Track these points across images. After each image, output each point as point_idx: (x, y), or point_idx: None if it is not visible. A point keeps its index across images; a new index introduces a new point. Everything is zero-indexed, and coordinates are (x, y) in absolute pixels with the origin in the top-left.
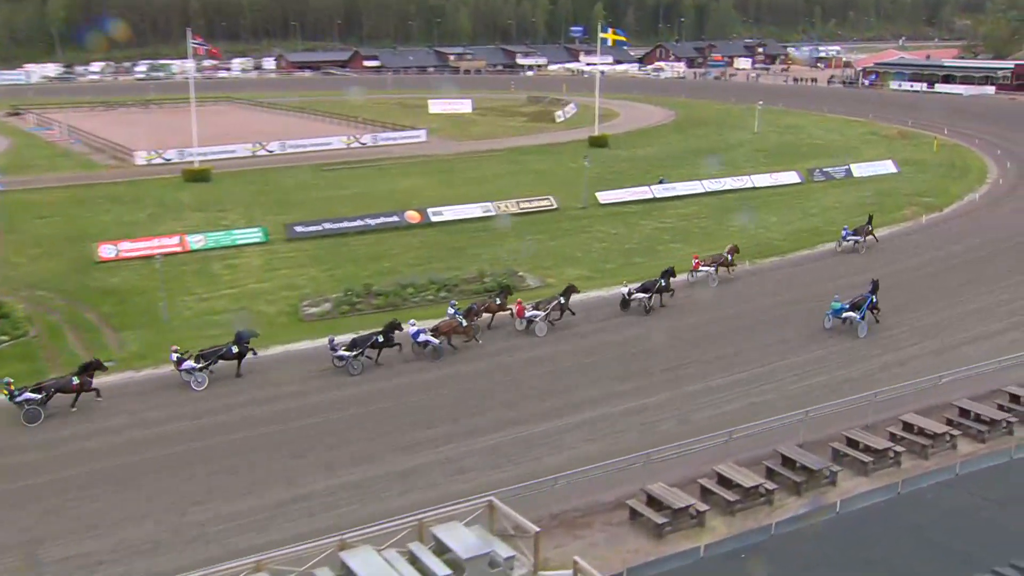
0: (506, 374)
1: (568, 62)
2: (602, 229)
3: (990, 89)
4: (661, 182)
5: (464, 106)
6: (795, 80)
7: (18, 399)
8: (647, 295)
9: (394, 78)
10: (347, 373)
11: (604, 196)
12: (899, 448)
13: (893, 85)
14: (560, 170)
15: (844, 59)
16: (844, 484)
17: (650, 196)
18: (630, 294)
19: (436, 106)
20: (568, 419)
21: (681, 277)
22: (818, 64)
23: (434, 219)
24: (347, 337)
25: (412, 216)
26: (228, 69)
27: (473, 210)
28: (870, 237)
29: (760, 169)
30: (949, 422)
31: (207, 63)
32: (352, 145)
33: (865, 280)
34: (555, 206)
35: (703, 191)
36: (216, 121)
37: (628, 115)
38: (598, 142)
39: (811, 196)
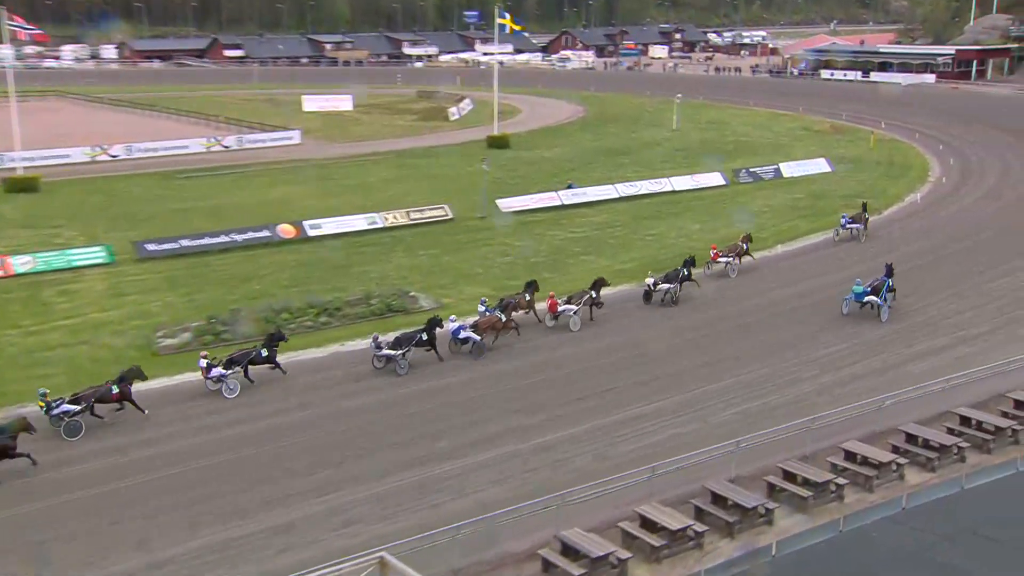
0: (403, 407)
1: (462, 51)
2: (505, 241)
3: (930, 77)
4: (570, 187)
5: (344, 103)
6: (717, 70)
7: (55, 412)
8: (671, 285)
9: (261, 70)
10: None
11: (506, 204)
12: (841, 480)
13: (824, 74)
14: (456, 175)
15: (770, 45)
16: (781, 523)
17: (558, 203)
18: (655, 285)
19: (312, 103)
20: (473, 458)
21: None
22: (742, 52)
23: (312, 233)
24: (390, 336)
25: (286, 230)
26: (57, 58)
27: (357, 222)
28: (860, 226)
29: (680, 170)
30: (895, 449)
31: (30, 50)
32: (213, 149)
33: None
34: (450, 216)
35: (617, 196)
36: (45, 120)
37: (531, 111)
38: (498, 142)
39: (737, 200)
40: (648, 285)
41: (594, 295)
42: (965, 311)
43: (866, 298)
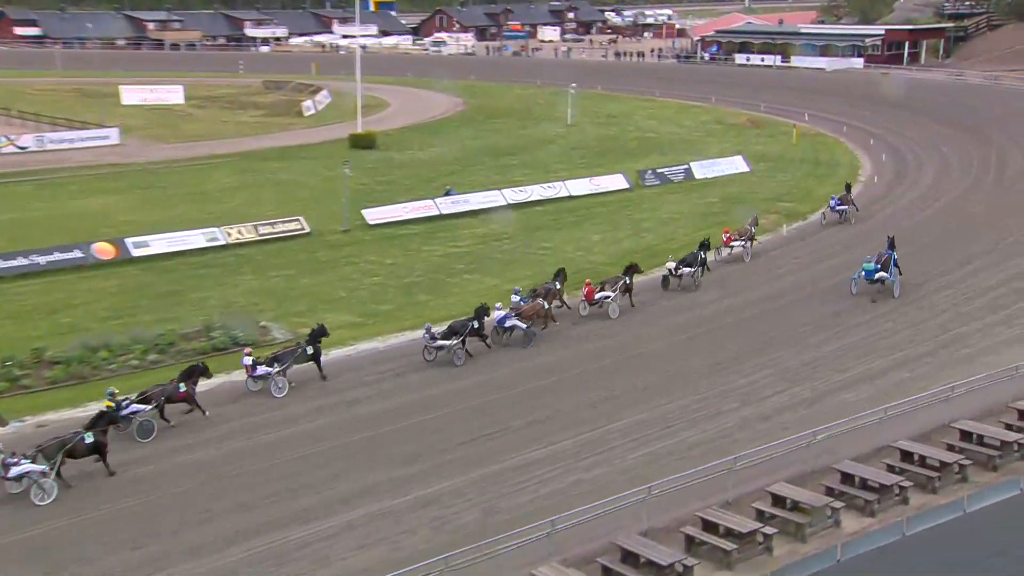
0: (252, 460)
1: (317, 34)
2: (372, 258)
3: (858, 61)
4: (448, 193)
5: (174, 94)
6: (617, 55)
7: (124, 412)
8: (693, 269)
9: (66, 54)
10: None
11: (373, 214)
12: (769, 529)
13: (739, 59)
14: (313, 181)
15: (677, 26)
16: None
17: (435, 213)
18: (677, 268)
19: (132, 94)
20: (334, 519)
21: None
22: (645, 34)
23: (136, 253)
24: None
25: (103, 250)
26: None
27: (193, 238)
28: (849, 208)
29: (577, 172)
30: (829, 491)
31: None
32: (6, 150)
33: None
34: (307, 230)
35: (504, 203)
36: None
37: (402, 105)
38: (363, 142)
39: (643, 205)
40: (669, 270)
41: (627, 280)
42: (903, 329)
43: (878, 275)
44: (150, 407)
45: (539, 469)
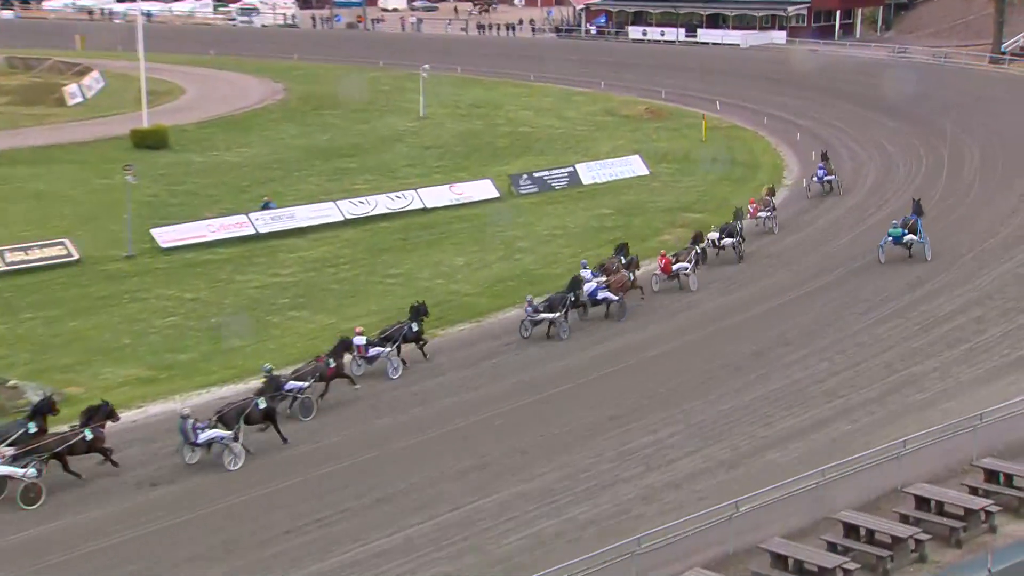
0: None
1: None
2: (167, 293)
3: (780, 35)
4: (267, 206)
5: None
6: (481, 28)
7: (284, 388)
8: (735, 240)
9: None
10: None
11: (167, 235)
12: None
13: (633, 34)
14: (81, 193)
15: None
16: None
17: (250, 232)
18: (720, 239)
19: None
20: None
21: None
22: (515, 1)
23: None
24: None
25: None
26: None
27: None
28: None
29: (433, 178)
30: None
31: None
32: None
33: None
34: (76, 257)
35: (341, 219)
36: None
37: (202, 92)
38: (150, 140)
39: (517, 219)
40: (711, 240)
41: (699, 249)
42: (842, 370)
43: (905, 238)
44: (307, 384)
45: (394, 560)
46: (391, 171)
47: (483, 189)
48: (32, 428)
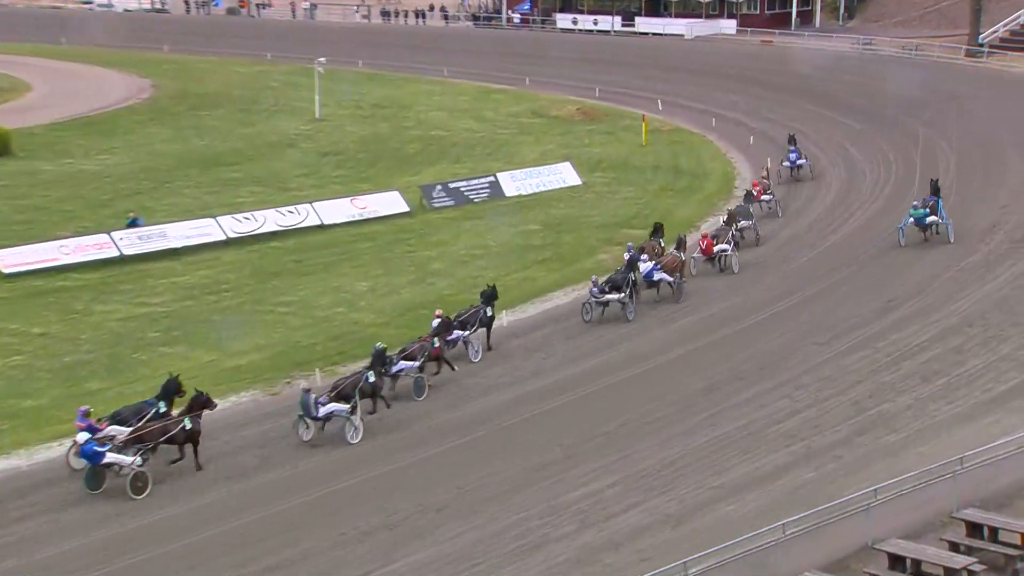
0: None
1: None
2: (9, 327)
3: (729, 25)
4: (134, 224)
5: None
6: (386, 15)
7: (392, 370)
8: (750, 223)
9: None
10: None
11: (9, 258)
12: None
13: (561, 23)
14: None
15: None
16: None
17: (114, 254)
18: (738, 223)
19: None
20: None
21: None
22: None
23: None
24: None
25: None
26: None
27: None
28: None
29: (331, 190)
30: None
31: None
32: None
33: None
34: None
35: (223, 238)
36: None
37: (53, 88)
38: None
39: (430, 237)
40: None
41: (737, 229)
42: (804, 408)
43: (928, 219)
44: (418, 363)
45: None
46: (282, 182)
47: (390, 202)
48: (163, 407)
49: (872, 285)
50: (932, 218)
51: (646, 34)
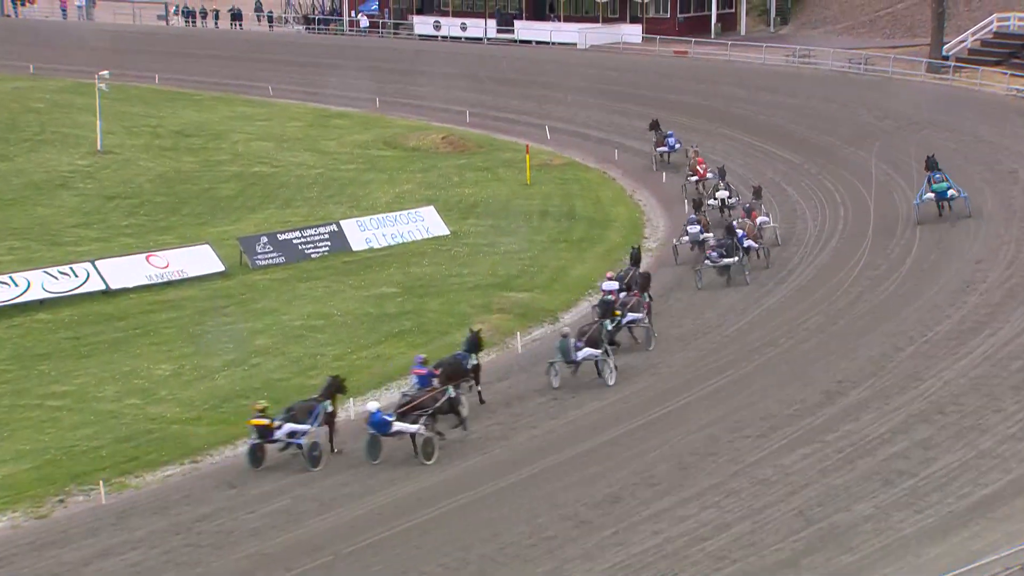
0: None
1: None
2: None
3: (633, 31)
4: None
5: None
6: (187, 17)
7: (625, 319)
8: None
9: None
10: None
11: None
12: None
13: (420, 27)
14: None
15: None
16: None
17: None
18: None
19: None
20: None
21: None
22: None
23: None
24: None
25: None
26: None
27: None
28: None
29: (120, 244)
30: None
31: None
32: None
33: None
34: None
35: None
36: None
37: None
38: None
39: (253, 304)
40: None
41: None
42: (735, 521)
43: (950, 192)
44: (642, 315)
45: None
46: (52, 234)
47: (200, 260)
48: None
49: (817, 362)
50: (952, 191)
51: (528, 42)
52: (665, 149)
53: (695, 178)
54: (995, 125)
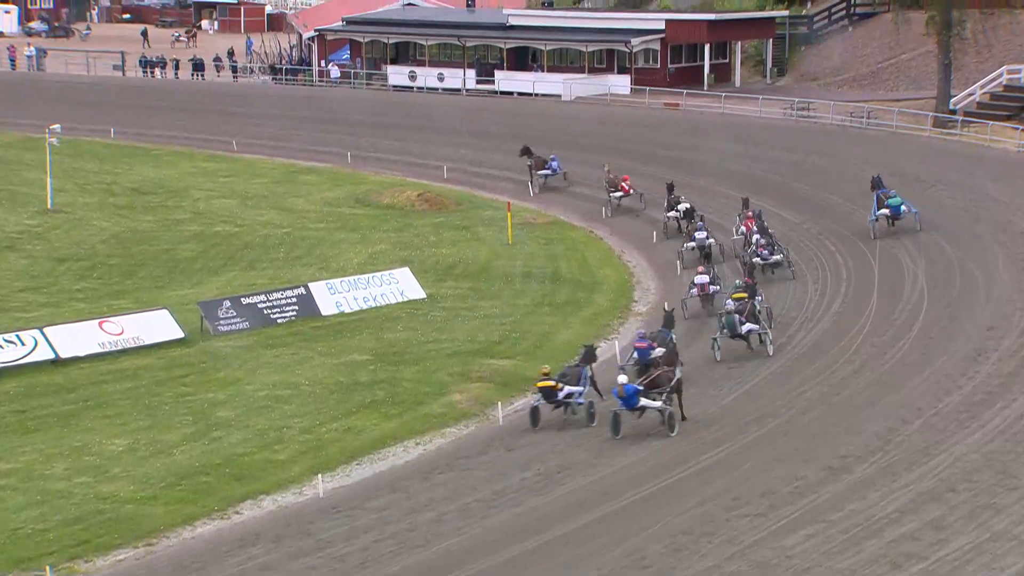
0: None
1: None
2: None
3: (621, 81)
4: None
5: None
6: (148, 67)
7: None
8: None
9: None
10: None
11: None
12: None
13: (394, 78)
14: None
15: (268, 7)
16: None
17: None
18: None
19: None
20: None
21: None
22: (203, 23)
23: None
24: None
25: None
26: None
27: None
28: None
29: (71, 309)
30: None
31: None
32: None
33: None
34: None
35: None
36: None
37: None
38: None
39: (214, 374)
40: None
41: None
42: None
43: (902, 207)
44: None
45: None
46: None
47: (157, 326)
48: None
49: (819, 435)
50: (904, 207)
51: (510, 94)
52: (548, 172)
53: (619, 194)
54: (1006, 183)
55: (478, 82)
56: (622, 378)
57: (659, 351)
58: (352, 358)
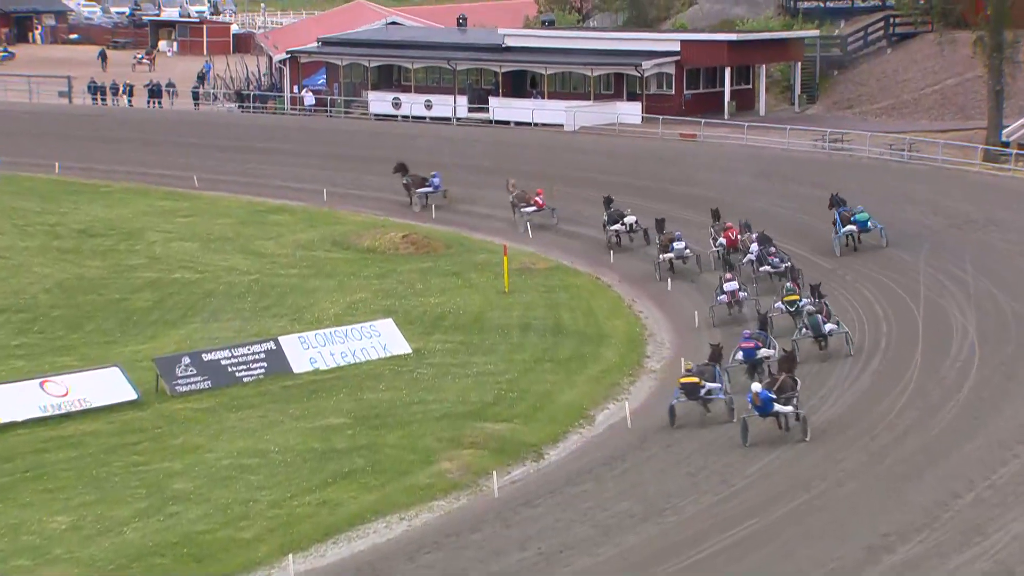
0: None
1: None
2: None
3: (631, 109)
4: None
5: None
6: (98, 94)
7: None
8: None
9: None
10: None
11: None
12: None
13: (376, 105)
14: None
15: (234, 27)
16: None
17: None
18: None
19: None
20: None
21: None
22: (161, 44)
23: None
24: None
25: None
26: None
27: None
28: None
29: (9, 368)
30: None
31: None
32: None
33: None
34: None
35: None
36: None
37: None
38: None
39: (170, 440)
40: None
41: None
42: None
43: (870, 223)
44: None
45: None
46: None
47: (106, 386)
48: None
49: (857, 510)
50: (871, 223)
51: (506, 123)
52: (429, 190)
53: (531, 208)
54: None
55: (470, 110)
56: (756, 386)
57: (765, 351)
58: (328, 421)
